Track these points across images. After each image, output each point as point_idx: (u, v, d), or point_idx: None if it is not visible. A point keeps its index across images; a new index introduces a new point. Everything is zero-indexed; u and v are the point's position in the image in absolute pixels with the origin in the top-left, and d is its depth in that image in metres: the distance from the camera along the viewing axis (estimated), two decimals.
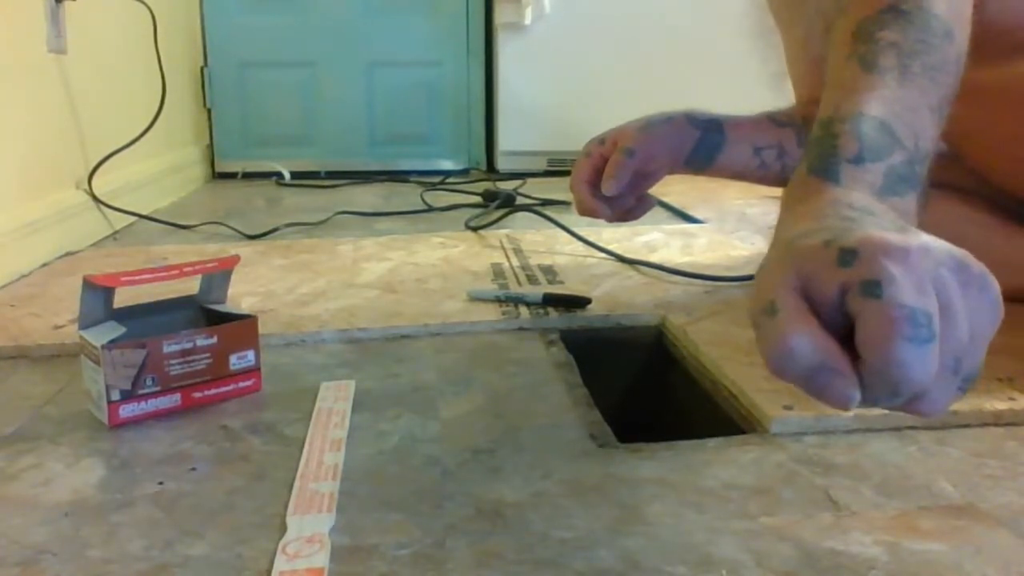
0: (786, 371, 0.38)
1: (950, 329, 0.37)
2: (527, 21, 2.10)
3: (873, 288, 0.37)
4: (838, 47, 0.58)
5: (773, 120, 0.95)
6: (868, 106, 0.51)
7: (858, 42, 0.56)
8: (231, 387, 0.69)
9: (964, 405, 0.61)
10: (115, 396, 0.63)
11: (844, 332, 0.38)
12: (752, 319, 0.41)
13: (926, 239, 0.39)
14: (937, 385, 0.37)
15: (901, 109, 0.52)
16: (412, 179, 2.10)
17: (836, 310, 0.38)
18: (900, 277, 0.37)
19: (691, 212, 1.51)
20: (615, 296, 0.95)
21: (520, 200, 1.61)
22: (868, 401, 0.38)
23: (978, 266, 0.39)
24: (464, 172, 2.28)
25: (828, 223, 0.43)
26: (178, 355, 0.66)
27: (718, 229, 1.36)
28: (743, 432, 0.64)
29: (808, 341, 0.38)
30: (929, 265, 0.38)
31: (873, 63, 0.54)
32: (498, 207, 1.53)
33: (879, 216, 0.44)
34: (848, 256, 0.38)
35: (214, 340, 0.67)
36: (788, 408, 0.63)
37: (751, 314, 0.41)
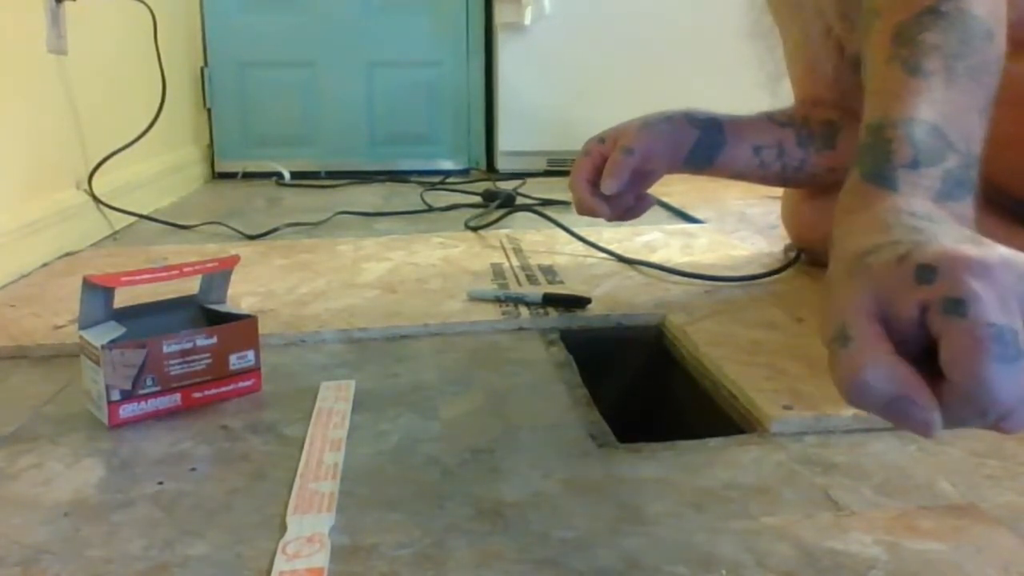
0: (862, 403, 0.38)
1: None
2: (527, 21, 2.10)
3: (957, 306, 0.36)
4: (876, 51, 0.57)
5: (773, 120, 0.95)
6: (918, 111, 0.51)
7: (899, 45, 0.55)
8: (231, 387, 0.69)
9: None
10: (115, 396, 0.63)
11: (924, 350, 0.37)
12: (824, 344, 0.40)
13: (1005, 252, 0.38)
14: (1022, 402, 0.37)
15: (951, 113, 0.51)
16: (412, 179, 2.10)
17: (916, 328, 0.38)
18: (984, 294, 0.36)
19: (691, 212, 1.51)
20: (615, 296, 0.95)
21: (520, 200, 1.61)
22: (955, 422, 0.37)
23: None
24: (464, 172, 2.28)
25: (896, 235, 0.42)
26: (178, 355, 0.66)
27: (718, 229, 1.36)
28: (743, 432, 0.64)
29: (883, 373, 0.37)
30: (1011, 280, 0.37)
31: (917, 66, 0.53)
32: (498, 207, 1.53)
33: (943, 224, 0.44)
34: (927, 273, 0.37)
35: (214, 340, 0.67)
36: (788, 408, 0.63)
37: (823, 338, 0.40)
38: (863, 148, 0.51)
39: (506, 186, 1.77)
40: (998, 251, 0.38)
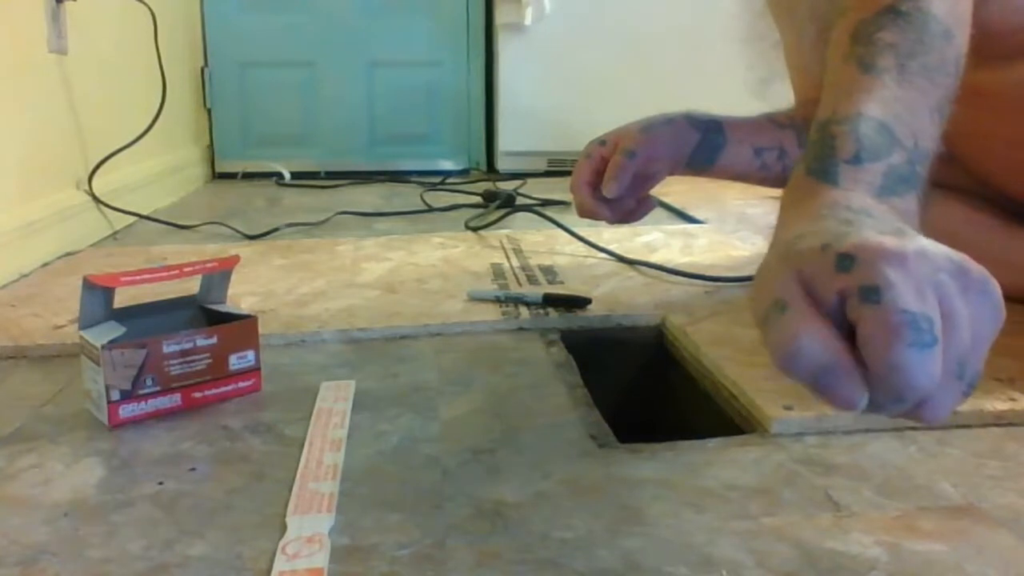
0: (794, 369, 0.38)
1: (953, 334, 0.37)
2: (527, 21, 2.10)
3: (872, 294, 0.37)
4: (836, 48, 0.58)
5: (773, 121, 0.95)
6: (866, 107, 0.51)
7: (856, 44, 0.56)
8: (231, 387, 0.69)
9: (964, 405, 0.60)
10: (115, 396, 0.63)
11: (846, 337, 0.38)
12: (757, 317, 0.41)
13: (923, 243, 0.39)
14: (941, 390, 0.37)
15: (900, 109, 0.52)
16: (412, 179, 2.10)
17: (837, 315, 0.38)
18: (899, 282, 0.37)
19: (691, 212, 1.51)
20: (615, 296, 0.95)
21: (520, 200, 1.61)
22: (873, 407, 0.37)
23: (978, 269, 0.39)
24: (464, 172, 2.28)
25: (825, 225, 0.43)
26: (178, 355, 0.66)
27: (718, 229, 1.36)
28: (743, 432, 0.64)
29: (818, 340, 0.37)
30: (927, 269, 0.38)
31: (871, 64, 0.54)
32: (498, 207, 1.53)
33: (877, 218, 0.44)
34: (846, 261, 0.38)
35: (214, 340, 0.67)
36: (788, 408, 0.63)
37: (755, 312, 0.41)
38: (810, 144, 0.52)
39: (506, 186, 1.77)
40: (917, 241, 0.39)
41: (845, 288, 0.38)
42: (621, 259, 1.11)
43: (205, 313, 0.72)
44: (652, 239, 1.26)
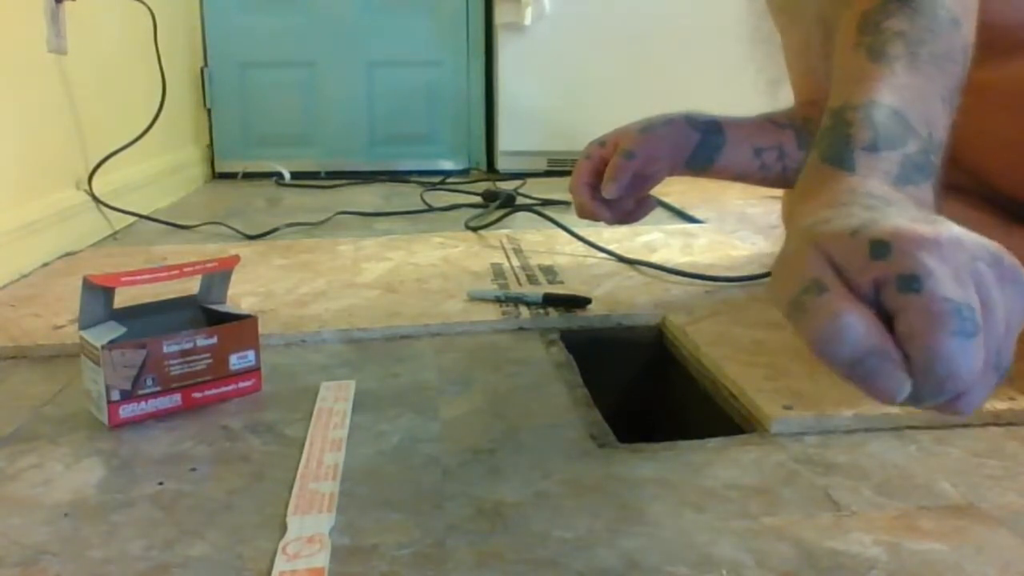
0: (835, 354, 0.36)
1: (991, 323, 0.36)
2: (527, 21, 2.10)
3: (912, 282, 0.35)
4: (844, 39, 0.57)
5: (773, 121, 0.95)
6: (880, 95, 0.50)
7: (864, 33, 0.55)
8: (231, 387, 0.69)
9: None
10: (115, 396, 0.63)
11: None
12: (786, 301, 0.38)
13: (957, 231, 0.38)
14: (979, 381, 0.36)
15: (913, 97, 0.51)
16: (412, 179, 2.10)
17: (869, 304, 0.37)
18: (938, 270, 0.36)
19: (691, 212, 1.51)
20: (615, 296, 0.95)
21: (520, 200, 1.61)
22: (912, 399, 0.36)
23: (1011, 258, 0.38)
24: (464, 172, 2.28)
25: (850, 210, 0.42)
26: (178, 355, 0.66)
27: (718, 229, 1.36)
28: (743, 432, 0.64)
29: (862, 321, 0.36)
30: (964, 258, 0.37)
31: (881, 52, 0.53)
32: (498, 207, 1.53)
33: (899, 205, 0.43)
34: (881, 248, 0.37)
35: (214, 340, 0.67)
36: (788, 408, 0.63)
37: (782, 298, 0.39)
38: (823, 131, 0.51)
39: (506, 186, 1.77)
40: (951, 229, 0.38)
41: (881, 276, 0.36)
42: (621, 259, 1.11)
43: (205, 313, 0.72)
44: (652, 239, 1.26)
